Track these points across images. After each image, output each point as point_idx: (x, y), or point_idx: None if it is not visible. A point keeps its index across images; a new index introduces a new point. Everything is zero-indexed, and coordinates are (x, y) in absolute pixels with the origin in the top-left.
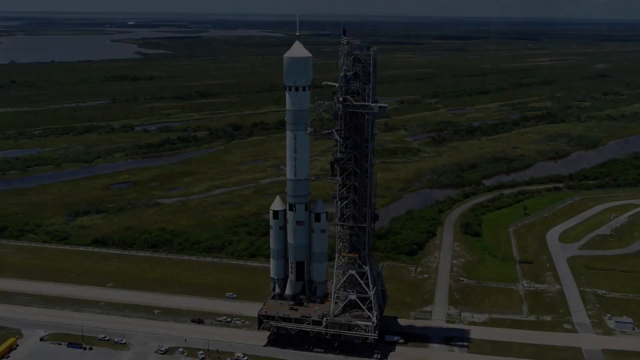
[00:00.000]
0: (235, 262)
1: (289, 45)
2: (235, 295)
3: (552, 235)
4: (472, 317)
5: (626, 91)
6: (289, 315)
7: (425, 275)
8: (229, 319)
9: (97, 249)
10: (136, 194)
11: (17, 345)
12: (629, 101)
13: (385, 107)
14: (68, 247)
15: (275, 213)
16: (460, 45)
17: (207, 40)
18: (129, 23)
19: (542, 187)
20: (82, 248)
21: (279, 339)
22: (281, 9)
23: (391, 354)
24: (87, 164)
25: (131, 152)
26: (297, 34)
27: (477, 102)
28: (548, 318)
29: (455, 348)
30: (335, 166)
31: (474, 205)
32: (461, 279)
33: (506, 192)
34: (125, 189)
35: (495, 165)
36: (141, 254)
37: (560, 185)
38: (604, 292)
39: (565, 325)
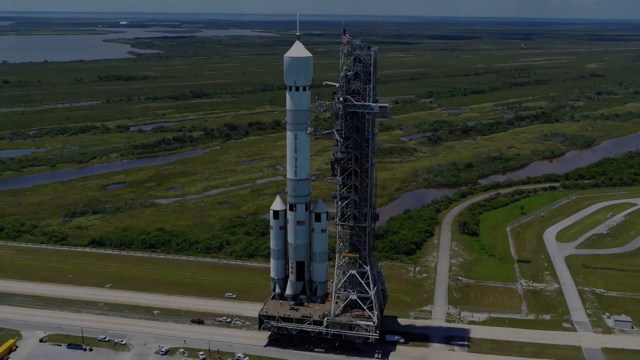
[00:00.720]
0: (233, 262)
1: (281, 45)
2: (234, 296)
3: (549, 234)
4: (472, 317)
5: (619, 90)
6: (289, 315)
7: (424, 275)
8: (229, 319)
9: (94, 250)
10: (132, 194)
11: (17, 347)
12: (622, 100)
13: (385, 107)
14: (65, 248)
15: (276, 213)
16: (454, 45)
17: (200, 40)
18: (121, 23)
19: (538, 186)
20: (79, 249)
21: (279, 339)
22: (274, 9)
23: (392, 353)
24: (83, 164)
25: (127, 153)
26: (298, 34)
27: (472, 102)
28: (547, 317)
29: (456, 347)
30: (336, 166)
31: (471, 204)
32: (460, 278)
33: (503, 191)
34: (121, 189)
35: (491, 165)
36: (139, 254)
37: (556, 184)
38: (602, 290)
39: (564, 324)
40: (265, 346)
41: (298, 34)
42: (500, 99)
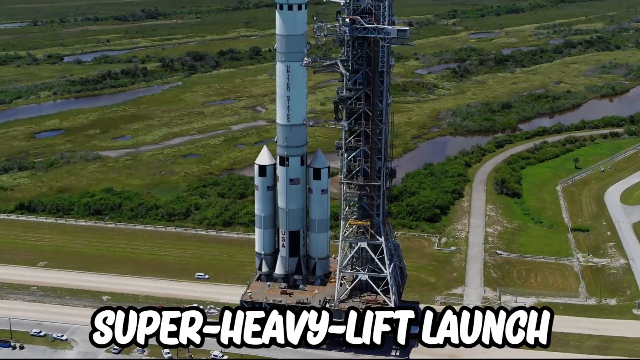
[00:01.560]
0: (205, 232)
1: None
2: (207, 276)
3: (612, 195)
4: (515, 302)
5: None
6: (280, 301)
7: (453, 248)
8: (201, 307)
9: (23, 217)
10: (70, 144)
11: None
12: None
13: (406, 31)
14: None
15: (262, 169)
16: None
17: None
18: None
19: (595, 132)
20: (3, 216)
21: None
22: None
23: (414, 349)
24: (4, 105)
25: (61, 90)
26: None
27: (507, 24)
28: (612, 302)
29: None
30: (340, 107)
31: (510, 157)
32: (498, 252)
33: (550, 139)
34: (55, 138)
35: (534, 105)
36: (81, 223)
37: (619, 130)
38: None
39: (634, 311)
40: None
41: None
42: (544, 19)
